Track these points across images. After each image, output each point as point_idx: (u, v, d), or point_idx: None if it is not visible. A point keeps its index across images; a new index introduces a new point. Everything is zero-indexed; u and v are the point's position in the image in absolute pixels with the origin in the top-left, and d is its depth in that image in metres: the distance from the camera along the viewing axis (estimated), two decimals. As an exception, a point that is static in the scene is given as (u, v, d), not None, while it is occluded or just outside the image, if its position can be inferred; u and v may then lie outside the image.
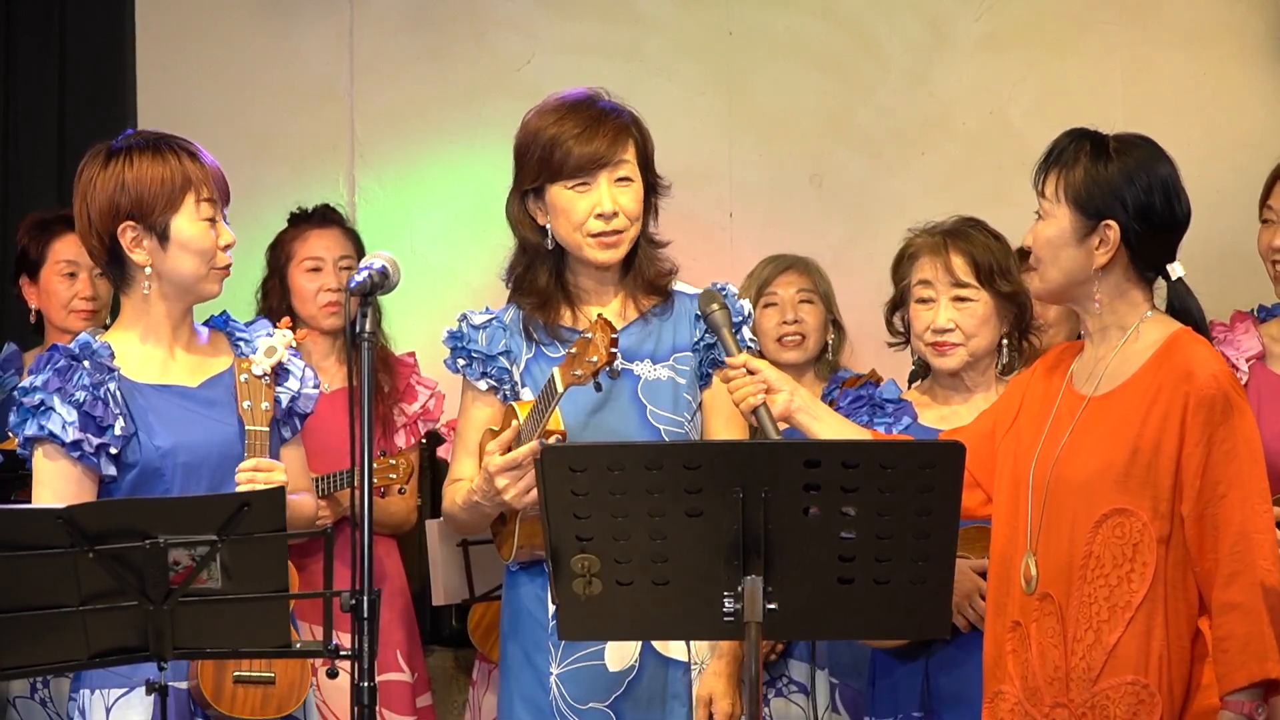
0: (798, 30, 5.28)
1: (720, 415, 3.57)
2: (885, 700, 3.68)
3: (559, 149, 3.46)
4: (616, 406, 3.50)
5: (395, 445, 4.57)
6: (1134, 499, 3.07)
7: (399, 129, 5.41)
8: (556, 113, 3.51)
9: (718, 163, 5.27)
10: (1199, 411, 3.04)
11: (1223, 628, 3.02)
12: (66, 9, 5.39)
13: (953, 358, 3.67)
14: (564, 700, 3.47)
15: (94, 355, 3.34)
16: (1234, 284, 4.43)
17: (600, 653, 3.46)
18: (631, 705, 3.47)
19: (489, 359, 3.54)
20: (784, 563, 2.72)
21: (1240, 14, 5.03)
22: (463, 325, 3.58)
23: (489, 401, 3.57)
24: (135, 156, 3.34)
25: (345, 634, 2.92)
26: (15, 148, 5.36)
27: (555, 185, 3.48)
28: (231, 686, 3.31)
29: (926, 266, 3.68)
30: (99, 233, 3.35)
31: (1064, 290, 3.20)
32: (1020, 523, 3.21)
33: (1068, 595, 3.11)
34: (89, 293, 4.59)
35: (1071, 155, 3.17)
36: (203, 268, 3.37)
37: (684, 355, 3.56)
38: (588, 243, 3.49)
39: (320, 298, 4.58)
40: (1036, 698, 3.14)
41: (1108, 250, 3.13)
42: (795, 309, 4.59)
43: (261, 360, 3.38)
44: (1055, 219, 3.17)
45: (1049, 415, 3.22)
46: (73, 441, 3.26)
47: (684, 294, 3.62)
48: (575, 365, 3.25)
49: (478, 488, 3.42)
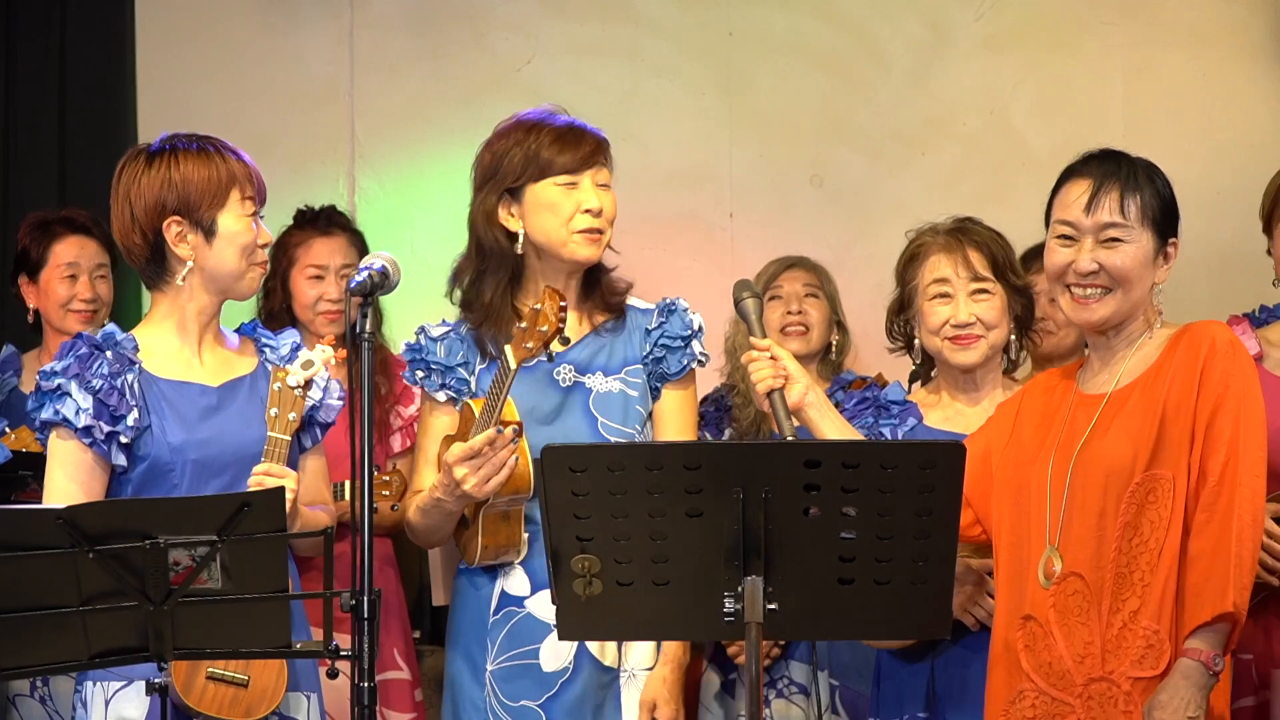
0: (798, 30, 5.28)
1: (670, 427, 3.66)
2: (890, 701, 3.68)
3: (546, 148, 3.56)
4: (570, 418, 3.58)
5: (391, 448, 4.57)
6: (1164, 463, 3.13)
7: (399, 129, 5.41)
8: (530, 122, 3.61)
9: (718, 163, 5.27)
10: (1213, 370, 3.12)
11: (1196, 574, 3.07)
12: (66, 9, 5.39)
13: (975, 350, 3.67)
14: (496, 697, 3.51)
15: (117, 346, 3.39)
16: (1234, 284, 4.44)
17: (535, 651, 3.52)
18: (561, 706, 3.50)
19: (447, 370, 3.62)
20: (784, 563, 2.72)
21: (1240, 14, 5.03)
22: (420, 338, 3.67)
23: (448, 412, 3.63)
24: (180, 156, 3.41)
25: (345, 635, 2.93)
26: (15, 148, 5.36)
27: (541, 183, 3.56)
28: (203, 682, 3.31)
29: (943, 264, 3.68)
30: (143, 229, 3.41)
31: (1136, 309, 3.26)
32: (1035, 525, 3.23)
33: (1100, 570, 3.13)
34: (89, 294, 4.60)
35: (1133, 177, 3.22)
36: (244, 263, 3.44)
37: (635, 368, 3.64)
38: (573, 239, 3.56)
39: (320, 305, 4.59)
40: (1065, 681, 3.15)
41: (1168, 267, 3.24)
42: (800, 302, 4.60)
43: (298, 372, 3.41)
44: (1139, 243, 3.22)
45: (1060, 423, 3.25)
46: (84, 427, 3.31)
47: (635, 309, 3.68)
48: (526, 338, 3.33)
49: (439, 483, 3.47)
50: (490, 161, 3.62)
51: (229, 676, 3.32)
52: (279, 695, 3.36)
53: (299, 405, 3.40)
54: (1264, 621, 3.84)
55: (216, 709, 3.31)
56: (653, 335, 3.65)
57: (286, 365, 3.45)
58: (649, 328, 3.65)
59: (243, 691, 3.33)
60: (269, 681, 3.35)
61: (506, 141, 3.61)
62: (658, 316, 3.67)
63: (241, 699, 3.33)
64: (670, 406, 3.66)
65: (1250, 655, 3.83)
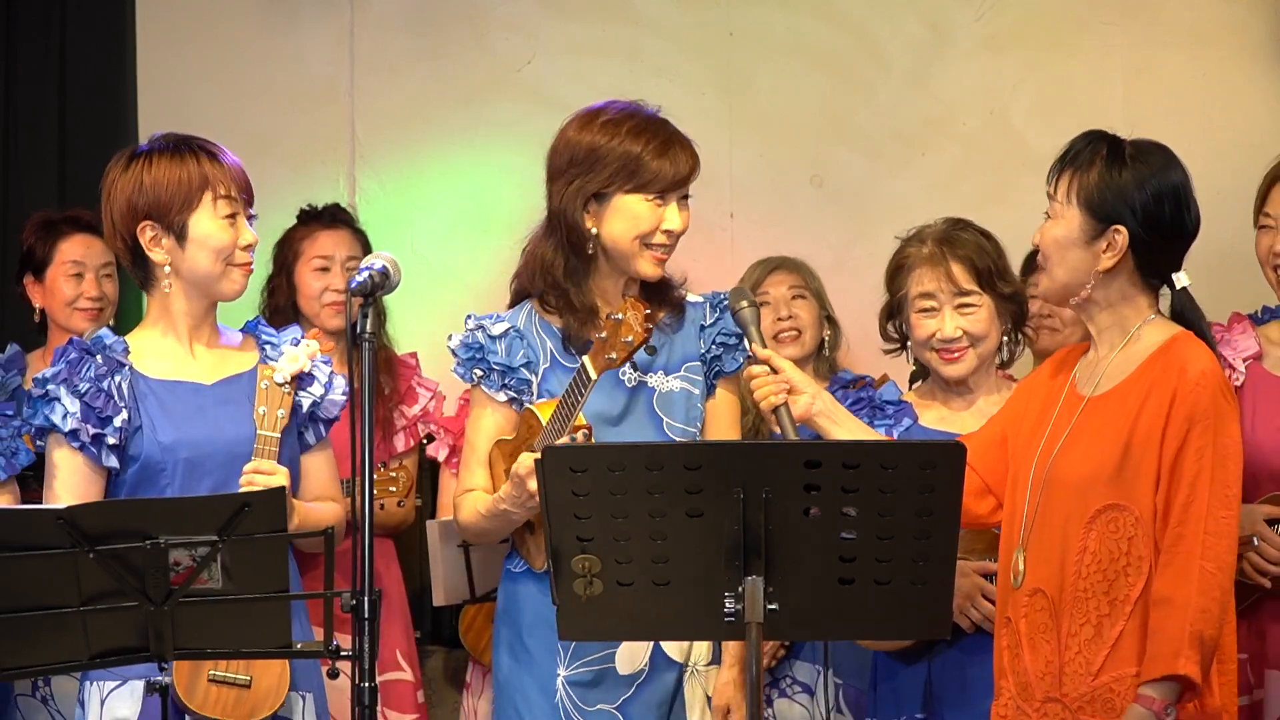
0: (798, 30, 5.28)
1: (722, 424, 3.60)
2: (887, 702, 3.68)
3: (648, 162, 3.46)
4: (635, 419, 3.51)
5: (395, 447, 4.57)
6: (1127, 494, 3.09)
7: (399, 129, 5.41)
8: (631, 122, 3.49)
9: (718, 163, 5.26)
10: (1182, 405, 3.06)
11: (1154, 620, 3.04)
12: (66, 9, 5.39)
13: (963, 364, 3.67)
14: (573, 703, 3.46)
15: (106, 350, 3.40)
16: (1234, 284, 4.43)
17: (611, 655, 3.47)
18: (640, 708, 3.47)
19: (509, 370, 3.52)
20: (785, 563, 2.72)
21: (1240, 14, 5.03)
22: (478, 334, 3.55)
23: (506, 413, 3.55)
24: (154, 159, 3.41)
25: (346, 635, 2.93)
26: (15, 148, 5.36)
27: (631, 195, 3.47)
28: (205, 685, 3.31)
29: (927, 278, 3.67)
30: (121, 234, 3.43)
31: (1067, 290, 3.21)
32: (1016, 520, 3.22)
33: (1061, 591, 3.12)
34: (94, 293, 4.60)
35: (1087, 158, 3.18)
36: (219, 265, 3.42)
37: (694, 365, 3.58)
38: (645, 255, 3.50)
39: (326, 297, 4.59)
40: (1028, 693, 3.16)
41: (1114, 255, 3.14)
42: (788, 305, 4.59)
43: (283, 368, 3.41)
44: (1065, 220, 3.17)
45: (1051, 416, 3.23)
46: (70, 431, 3.33)
47: (690, 303, 3.62)
48: (608, 349, 3.24)
49: (507, 495, 3.39)
50: (584, 153, 3.47)
51: (232, 678, 3.32)
52: (282, 695, 3.36)
53: (286, 401, 3.39)
54: (1258, 624, 3.85)
55: (220, 711, 3.31)
56: (708, 332, 3.58)
57: (272, 362, 3.44)
58: (703, 324, 3.58)
59: (246, 692, 3.33)
60: (271, 682, 3.36)
61: (605, 136, 3.47)
62: (710, 312, 3.60)
63: (245, 700, 3.33)
64: (723, 404, 3.60)
65: (1244, 655, 3.83)
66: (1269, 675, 3.85)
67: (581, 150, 3.48)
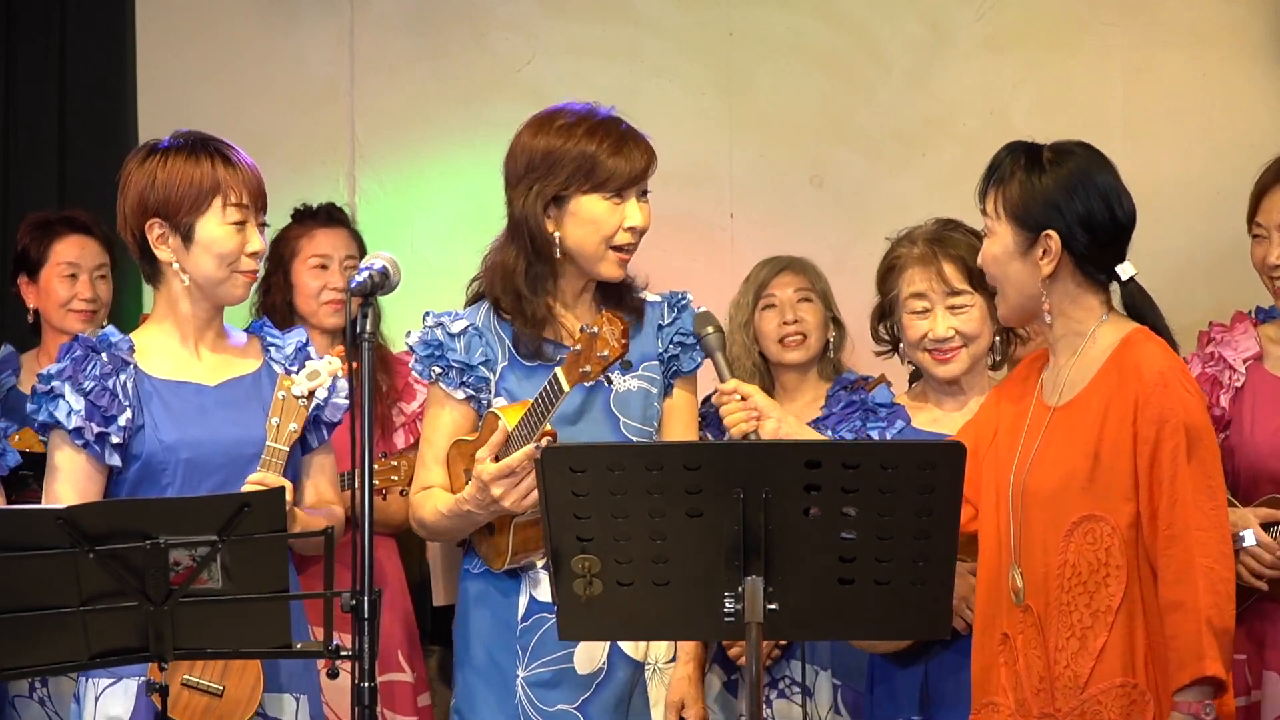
0: (798, 30, 5.28)
1: (678, 424, 3.62)
2: (884, 705, 3.68)
3: (604, 160, 3.45)
4: (592, 418, 3.53)
5: (394, 444, 4.57)
6: (1100, 504, 3.10)
7: (399, 129, 5.41)
8: (585, 124, 3.49)
9: (718, 163, 5.27)
10: (1146, 409, 3.06)
11: (1169, 627, 3.05)
12: (66, 9, 5.39)
13: (955, 363, 3.67)
14: (532, 704, 3.47)
15: (112, 348, 3.41)
16: (1234, 284, 4.43)
17: (569, 655, 3.48)
18: (598, 707, 3.48)
19: (468, 368, 3.54)
20: (784, 563, 2.72)
21: (1240, 14, 5.03)
22: (437, 331, 3.56)
23: (464, 411, 3.56)
24: (171, 157, 3.41)
25: (346, 635, 2.93)
26: (15, 148, 5.36)
27: (589, 195, 3.47)
28: (178, 689, 3.30)
29: (919, 278, 3.67)
30: (131, 227, 3.43)
31: (1025, 310, 3.23)
32: (1004, 536, 3.23)
33: (1046, 605, 3.13)
34: (89, 294, 4.59)
35: (1008, 169, 3.20)
36: (223, 271, 3.42)
37: (652, 364, 3.60)
38: (609, 256, 3.50)
39: (324, 295, 4.60)
40: (1025, 709, 3.16)
41: (1051, 260, 3.16)
42: (794, 309, 4.57)
43: (303, 382, 3.41)
44: (999, 235, 3.21)
45: (1022, 428, 3.24)
46: (75, 429, 3.33)
47: (649, 303, 3.63)
48: (582, 362, 3.24)
49: (470, 496, 3.41)
50: (541, 157, 3.48)
51: (204, 685, 3.30)
52: (253, 706, 3.35)
53: (301, 416, 3.39)
54: (1256, 626, 3.85)
55: (188, 717, 3.30)
56: (666, 332, 3.60)
57: (293, 374, 3.44)
58: (661, 323, 3.60)
59: (216, 701, 3.31)
60: (244, 693, 3.34)
61: (561, 139, 3.48)
62: (668, 311, 3.62)
63: (214, 708, 3.31)
64: (680, 404, 3.62)
65: (1242, 656, 3.83)
66: (1267, 677, 3.85)
67: (538, 154, 3.48)
